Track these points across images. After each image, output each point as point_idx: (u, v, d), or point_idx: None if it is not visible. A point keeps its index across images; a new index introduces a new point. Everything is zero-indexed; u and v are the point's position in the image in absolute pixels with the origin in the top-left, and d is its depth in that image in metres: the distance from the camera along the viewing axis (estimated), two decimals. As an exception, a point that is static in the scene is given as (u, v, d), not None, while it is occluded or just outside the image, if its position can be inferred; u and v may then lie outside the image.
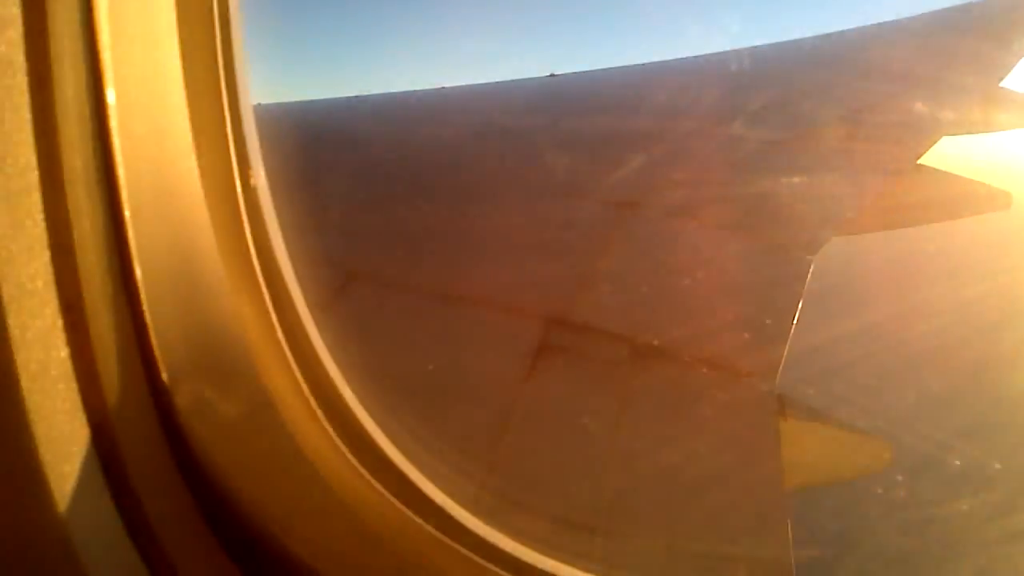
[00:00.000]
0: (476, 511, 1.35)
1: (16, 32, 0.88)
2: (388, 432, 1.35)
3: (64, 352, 0.95)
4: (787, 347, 4.12)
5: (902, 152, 4.33)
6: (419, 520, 1.22)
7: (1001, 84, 4.83)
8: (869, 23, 6.05)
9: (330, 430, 1.22)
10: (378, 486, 1.22)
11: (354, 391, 1.33)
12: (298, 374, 1.21)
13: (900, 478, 4.56)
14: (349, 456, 1.22)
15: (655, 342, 4.20)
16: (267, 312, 1.19)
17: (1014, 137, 4.83)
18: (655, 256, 4.41)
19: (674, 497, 3.19)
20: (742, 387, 4.10)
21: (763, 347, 4.17)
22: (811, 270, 4.17)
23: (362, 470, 1.21)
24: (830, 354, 4.14)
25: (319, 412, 1.22)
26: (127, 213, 1.03)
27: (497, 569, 1.26)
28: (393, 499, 1.22)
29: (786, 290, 4.18)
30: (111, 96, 1.01)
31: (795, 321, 4.17)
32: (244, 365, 1.13)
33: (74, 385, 0.96)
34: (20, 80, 0.89)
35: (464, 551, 1.24)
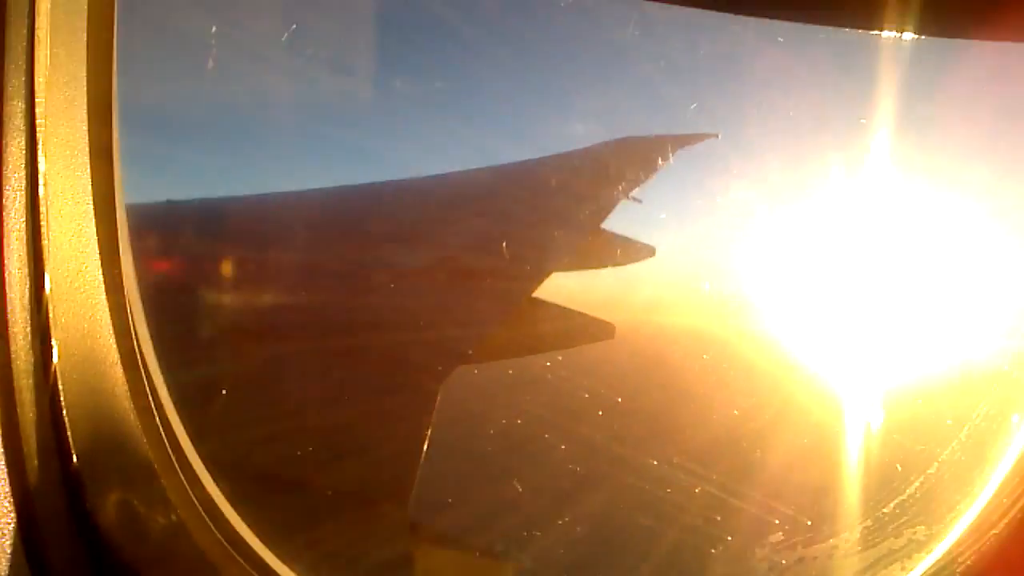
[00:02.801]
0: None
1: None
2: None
3: None
4: (417, 475, 4.17)
5: (517, 286, 4.70)
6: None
7: (602, 225, 5.60)
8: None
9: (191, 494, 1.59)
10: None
11: None
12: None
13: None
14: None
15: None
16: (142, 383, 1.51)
17: (614, 273, 5.62)
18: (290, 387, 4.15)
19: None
20: (374, 516, 4.11)
21: (395, 476, 4.18)
22: (438, 400, 4.25)
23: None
24: (459, 482, 4.26)
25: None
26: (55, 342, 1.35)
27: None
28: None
29: (413, 421, 4.22)
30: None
31: (424, 452, 4.22)
32: (134, 445, 1.41)
33: (3, 472, 1.24)
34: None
35: None
